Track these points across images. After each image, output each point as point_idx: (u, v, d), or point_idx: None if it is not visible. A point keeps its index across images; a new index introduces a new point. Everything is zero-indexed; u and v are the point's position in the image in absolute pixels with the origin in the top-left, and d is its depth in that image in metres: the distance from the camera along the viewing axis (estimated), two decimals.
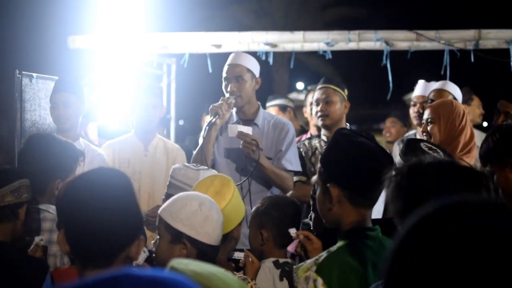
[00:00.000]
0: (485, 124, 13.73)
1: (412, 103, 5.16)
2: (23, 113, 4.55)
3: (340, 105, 4.54)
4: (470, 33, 5.87)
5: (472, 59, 5.87)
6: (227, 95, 4.04)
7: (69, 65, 5.94)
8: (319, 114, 4.53)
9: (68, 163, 3.18)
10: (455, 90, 4.60)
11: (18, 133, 4.51)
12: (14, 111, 4.51)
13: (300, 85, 26.48)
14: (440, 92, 4.55)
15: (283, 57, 17.50)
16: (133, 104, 4.33)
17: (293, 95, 17.80)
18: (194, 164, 3.20)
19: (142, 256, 2.64)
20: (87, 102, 4.36)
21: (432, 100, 4.45)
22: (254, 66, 4.08)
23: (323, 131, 4.62)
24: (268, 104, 6.61)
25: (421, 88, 5.08)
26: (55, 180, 3.08)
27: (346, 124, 4.57)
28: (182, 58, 6.40)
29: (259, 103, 4.18)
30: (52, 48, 6.35)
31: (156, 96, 4.33)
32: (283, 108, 6.48)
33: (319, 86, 4.65)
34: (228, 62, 4.11)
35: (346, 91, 4.64)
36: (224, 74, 4.07)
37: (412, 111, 5.11)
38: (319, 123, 4.57)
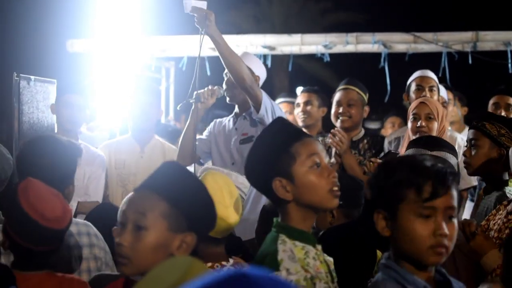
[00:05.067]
0: None
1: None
2: (21, 115, 4.55)
3: (361, 109, 4.48)
4: (468, 35, 5.89)
5: (470, 61, 5.88)
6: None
7: (67, 68, 5.95)
8: (340, 117, 4.42)
9: (74, 165, 2.88)
10: (435, 77, 4.59)
11: (16, 136, 4.51)
12: (11, 114, 4.51)
13: (300, 90, 26.50)
14: (424, 78, 4.48)
15: (282, 62, 17.50)
16: (131, 103, 4.33)
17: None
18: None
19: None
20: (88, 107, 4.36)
21: (418, 85, 4.44)
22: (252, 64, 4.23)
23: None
24: (281, 99, 6.29)
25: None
26: (69, 186, 2.81)
27: (361, 129, 4.52)
28: (180, 61, 6.41)
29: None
30: (51, 51, 6.36)
31: (152, 95, 4.33)
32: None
33: (342, 87, 4.54)
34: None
35: (367, 94, 4.56)
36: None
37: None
38: (338, 124, 4.45)
